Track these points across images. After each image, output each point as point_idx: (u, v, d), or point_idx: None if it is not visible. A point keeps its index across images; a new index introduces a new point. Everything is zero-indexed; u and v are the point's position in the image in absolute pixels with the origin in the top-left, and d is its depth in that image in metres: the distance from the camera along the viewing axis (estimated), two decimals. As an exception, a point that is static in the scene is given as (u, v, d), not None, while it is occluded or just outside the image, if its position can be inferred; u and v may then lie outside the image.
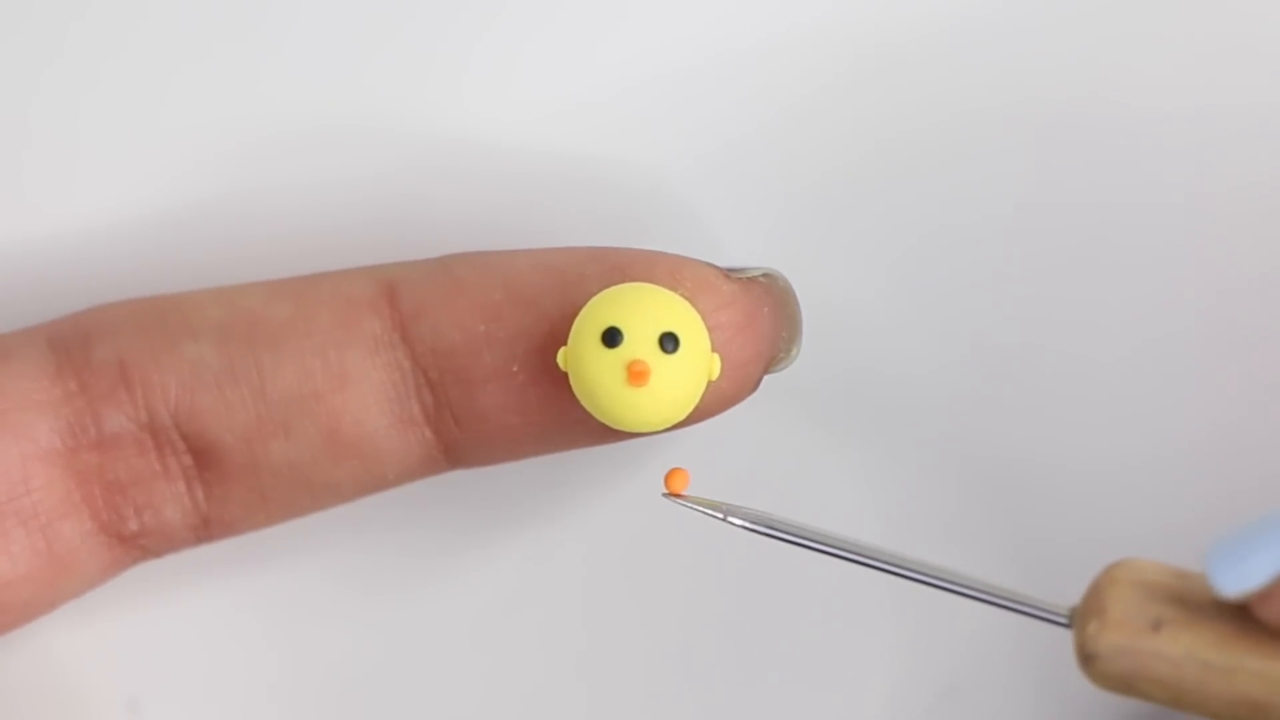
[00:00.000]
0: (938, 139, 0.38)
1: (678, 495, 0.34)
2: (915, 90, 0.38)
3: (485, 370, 0.34)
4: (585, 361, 0.32)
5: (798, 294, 0.35)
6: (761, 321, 0.34)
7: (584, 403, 0.33)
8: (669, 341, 0.32)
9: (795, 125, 0.37)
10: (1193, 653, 0.30)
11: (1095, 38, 0.38)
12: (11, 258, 0.37)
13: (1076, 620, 0.31)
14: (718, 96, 0.37)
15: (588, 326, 0.32)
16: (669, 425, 0.33)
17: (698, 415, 0.33)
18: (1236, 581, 0.30)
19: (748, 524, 0.33)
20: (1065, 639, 0.32)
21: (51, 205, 0.37)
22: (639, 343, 0.32)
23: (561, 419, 0.34)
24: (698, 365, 0.32)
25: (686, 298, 0.33)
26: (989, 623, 0.38)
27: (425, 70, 0.37)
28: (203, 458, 0.34)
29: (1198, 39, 0.38)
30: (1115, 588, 0.31)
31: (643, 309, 0.32)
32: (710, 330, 0.33)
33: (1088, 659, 0.31)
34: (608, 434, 0.33)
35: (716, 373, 0.33)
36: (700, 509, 0.33)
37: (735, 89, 0.37)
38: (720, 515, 0.33)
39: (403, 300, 0.34)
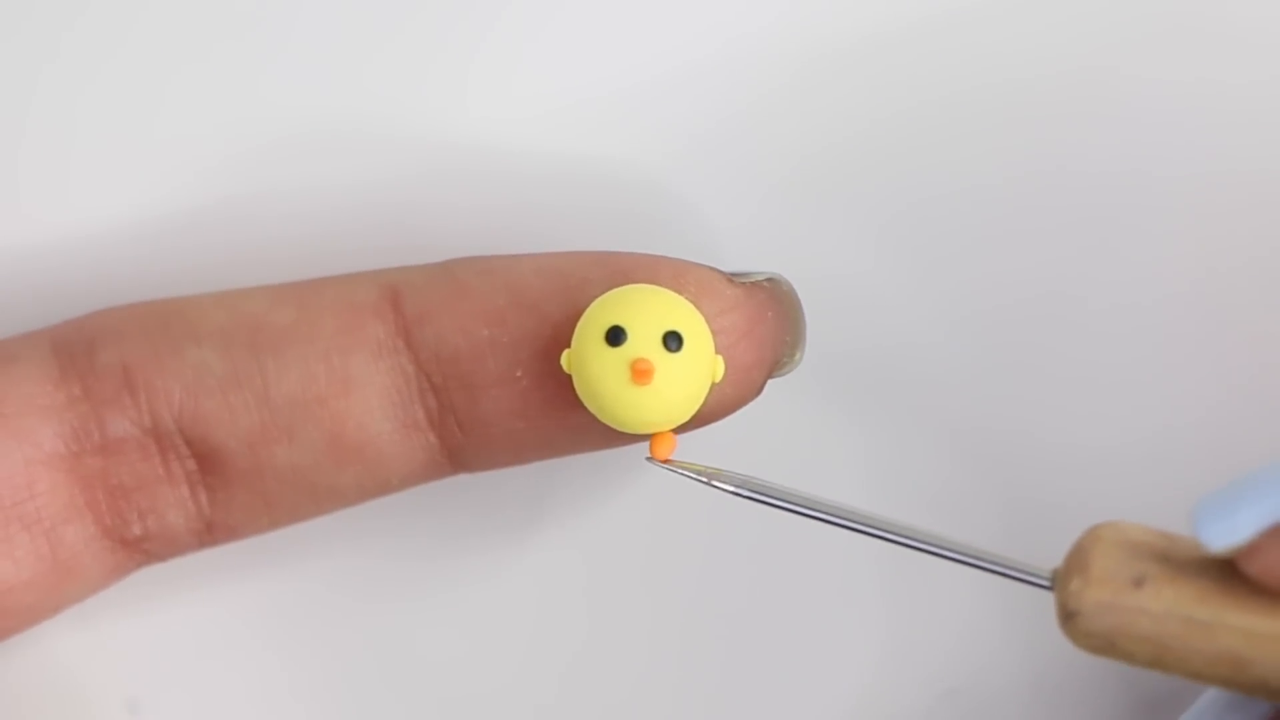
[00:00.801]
0: (936, 133, 0.38)
1: (663, 461, 0.33)
2: (916, 89, 0.38)
3: (489, 375, 0.34)
4: (589, 360, 0.32)
5: (802, 296, 0.35)
6: (765, 326, 0.34)
7: (587, 403, 0.33)
8: (673, 340, 0.32)
9: (799, 126, 0.38)
10: (1175, 608, 0.30)
11: (1074, 15, 0.38)
12: (14, 262, 0.37)
13: (1059, 579, 0.31)
14: (721, 99, 0.37)
15: (591, 326, 0.32)
16: (672, 426, 0.33)
17: (701, 419, 0.33)
18: (1224, 535, 0.30)
19: (733, 488, 0.33)
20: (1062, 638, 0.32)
21: (54, 209, 0.37)
22: (643, 341, 0.32)
23: (565, 423, 0.34)
24: (701, 365, 0.32)
25: (690, 302, 0.33)
26: (989, 624, 0.38)
27: (427, 74, 0.37)
28: (206, 462, 0.34)
29: (1184, 13, 0.38)
30: (1099, 545, 0.31)
31: (646, 308, 0.32)
32: (714, 335, 0.33)
33: (1069, 616, 0.31)
34: (611, 438, 0.33)
35: (720, 374, 0.33)
36: (685, 473, 0.33)
37: (738, 92, 0.37)
38: (705, 480, 0.33)
39: (406, 305, 0.34)
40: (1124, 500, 0.37)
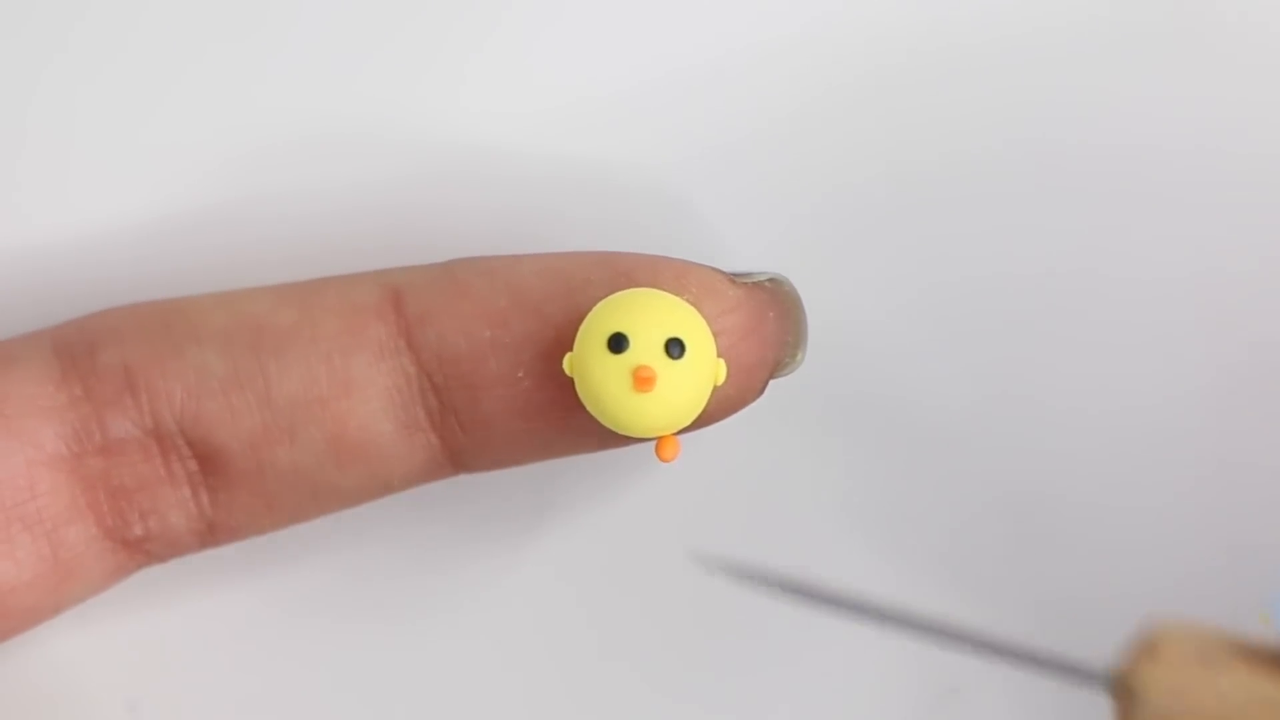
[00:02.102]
0: (942, 143, 0.38)
1: (717, 568, 0.34)
2: (920, 93, 0.38)
3: (490, 376, 0.34)
4: (591, 367, 0.32)
5: (803, 298, 0.35)
6: (767, 326, 0.34)
7: (590, 408, 0.33)
8: (675, 347, 0.32)
9: (800, 128, 0.38)
10: (1253, 690, 0.30)
11: (1092, 34, 0.38)
12: (15, 262, 0.37)
13: (1123, 663, 0.30)
14: (722, 100, 0.37)
15: (593, 332, 0.32)
16: (675, 430, 0.33)
17: (703, 420, 0.33)
18: None
19: (776, 588, 0.33)
20: (1065, 627, 0.32)
21: (56, 209, 0.37)
22: (645, 348, 0.32)
23: (567, 424, 0.34)
24: (703, 370, 0.32)
25: (692, 303, 0.33)
26: (989, 623, 0.38)
27: (429, 75, 0.37)
28: (208, 463, 0.34)
29: (1210, 66, 0.38)
30: (1167, 632, 0.30)
31: (648, 314, 0.32)
32: (716, 335, 0.33)
33: (1135, 702, 0.30)
34: (613, 439, 0.33)
35: (722, 378, 0.33)
36: (734, 576, 0.33)
37: (740, 92, 0.37)
38: (749, 581, 0.33)
39: (408, 306, 0.34)
40: (1141, 565, 0.38)
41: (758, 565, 0.33)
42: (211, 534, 0.35)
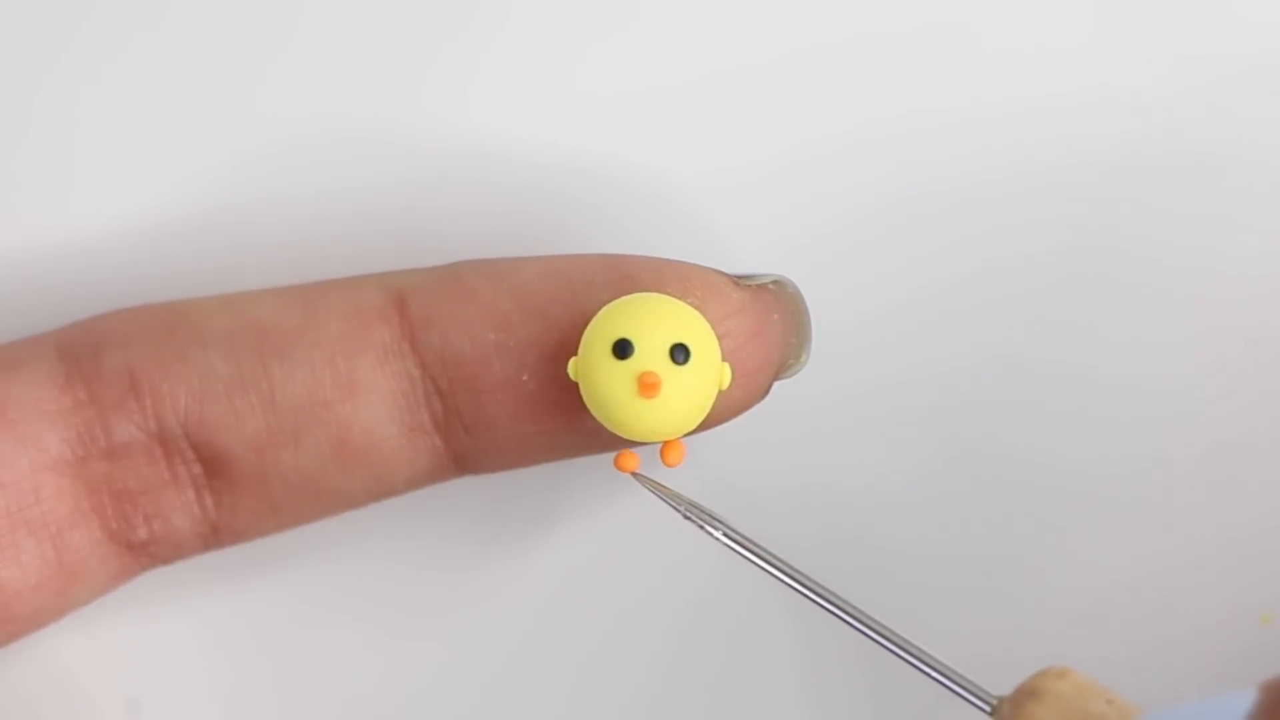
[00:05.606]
0: (945, 144, 0.38)
1: (647, 480, 0.34)
2: (921, 94, 0.38)
3: (494, 379, 0.34)
4: (596, 373, 0.32)
5: (806, 300, 0.35)
6: (771, 328, 0.34)
7: (594, 413, 0.33)
8: (680, 352, 0.32)
9: (803, 131, 0.38)
10: None
11: (1102, 46, 0.38)
12: (19, 265, 0.37)
13: (1011, 699, 0.32)
14: (726, 103, 0.37)
15: (598, 337, 0.32)
16: (679, 435, 0.33)
17: (708, 423, 0.33)
18: None
19: (704, 524, 0.33)
20: (1074, 638, 0.32)
21: (59, 212, 0.37)
22: (650, 354, 0.32)
23: (571, 427, 0.34)
24: (708, 375, 0.32)
25: (696, 306, 0.33)
26: (989, 625, 0.38)
27: (434, 78, 0.37)
28: (212, 466, 0.34)
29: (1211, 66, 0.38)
30: (1053, 679, 0.32)
31: (653, 320, 0.32)
32: (720, 338, 0.33)
33: None
34: (617, 442, 0.33)
35: (727, 382, 0.33)
36: (662, 497, 0.34)
37: (743, 96, 0.37)
38: (681, 509, 0.34)
39: (412, 309, 0.34)
40: (1129, 551, 0.38)
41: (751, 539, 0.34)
42: (215, 536, 0.35)
